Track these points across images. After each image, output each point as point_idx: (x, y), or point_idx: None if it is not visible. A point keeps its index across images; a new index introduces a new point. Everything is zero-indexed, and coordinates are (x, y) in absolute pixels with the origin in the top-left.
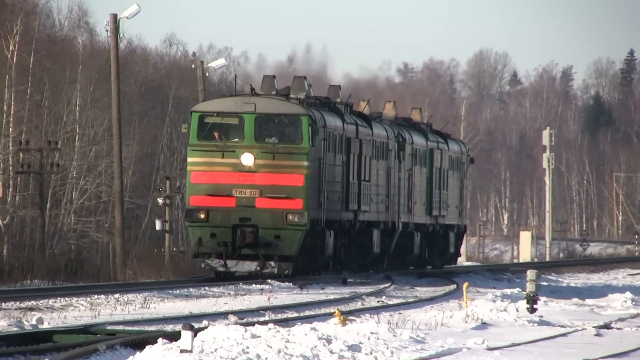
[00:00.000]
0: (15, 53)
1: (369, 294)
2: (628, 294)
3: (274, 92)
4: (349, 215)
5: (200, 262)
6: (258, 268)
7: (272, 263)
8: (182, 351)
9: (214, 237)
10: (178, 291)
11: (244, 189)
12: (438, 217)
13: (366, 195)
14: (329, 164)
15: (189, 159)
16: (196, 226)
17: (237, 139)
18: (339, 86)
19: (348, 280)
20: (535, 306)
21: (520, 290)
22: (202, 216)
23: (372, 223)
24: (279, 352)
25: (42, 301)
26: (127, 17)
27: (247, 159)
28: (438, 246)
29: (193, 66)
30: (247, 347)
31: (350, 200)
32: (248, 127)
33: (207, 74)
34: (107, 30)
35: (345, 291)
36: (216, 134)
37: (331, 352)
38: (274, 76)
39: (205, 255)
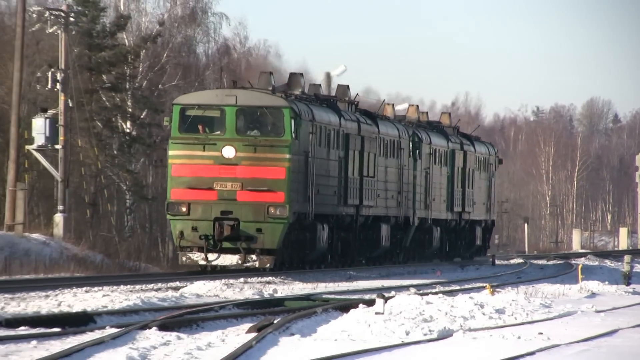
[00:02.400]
0: None
1: (510, 274)
2: None
3: (270, 88)
4: (348, 209)
5: (182, 256)
6: (239, 262)
7: (254, 257)
8: (376, 313)
9: (195, 231)
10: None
11: (225, 182)
12: (462, 213)
13: (370, 191)
14: (319, 158)
15: (170, 152)
16: (177, 219)
17: (219, 132)
18: (348, 86)
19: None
20: (629, 281)
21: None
22: (184, 209)
23: (381, 218)
24: (446, 314)
25: (277, 279)
26: (336, 75)
27: (229, 151)
28: (463, 240)
29: None
30: (423, 310)
31: (349, 195)
32: (229, 120)
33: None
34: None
35: (491, 272)
36: (200, 127)
37: (483, 314)
38: (271, 72)
39: (186, 249)
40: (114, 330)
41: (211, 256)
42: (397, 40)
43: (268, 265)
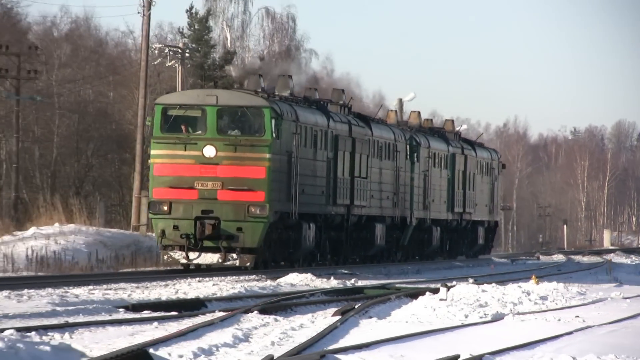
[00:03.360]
0: None
1: (552, 267)
2: None
3: (259, 90)
4: (338, 209)
5: (163, 254)
6: (220, 260)
7: (234, 255)
8: (440, 299)
9: (176, 230)
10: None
11: (206, 181)
12: (463, 213)
13: (362, 191)
14: (305, 158)
15: (152, 152)
16: (159, 218)
17: (200, 132)
18: (343, 90)
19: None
20: None
21: None
22: (165, 208)
23: (376, 218)
24: (498, 300)
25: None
26: (407, 101)
27: (209, 151)
28: (465, 239)
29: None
30: (479, 297)
31: (339, 195)
32: (210, 120)
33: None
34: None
35: (536, 265)
36: (183, 127)
37: (529, 300)
38: (260, 75)
39: (168, 248)
40: (222, 313)
41: (192, 255)
42: (459, 69)
43: (248, 264)
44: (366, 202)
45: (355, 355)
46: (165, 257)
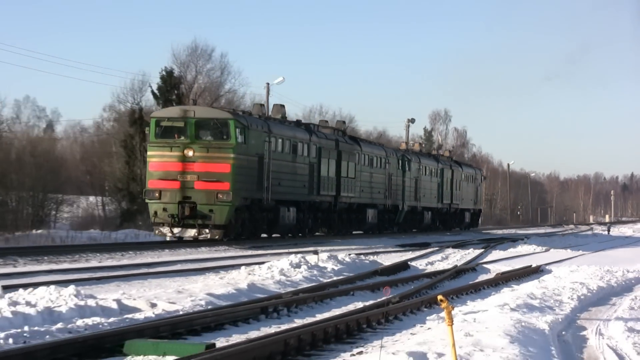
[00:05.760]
0: None
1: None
2: None
3: (279, 116)
4: (323, 198)
5: (155, 229)
6: (196, 234)
7: (207, 230)
8: (524, 243)
9: (165, 211)
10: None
11: (186, 174)
12: (451, 204)
13: (348, 186)
14: (280, 160)
15: (149, 153)
16: (153, 202)
17: (183, 138)
18: (344, 121)
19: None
20: None
21: None
22: (157, 195)
23: (367, 205)
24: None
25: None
26: (276, 84)
27: (189, 152)
28: (455, 219)
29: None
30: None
31: (322, 188)
32: (190, 129)
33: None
34: None
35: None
36: (176, 135)
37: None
38: (262, 104)
39: (159, 225)
40: (436, 248)
41: (176, 230)
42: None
43: (217, 236)
44: (354, 194)
45: (490, 265)
46: (157, 232)
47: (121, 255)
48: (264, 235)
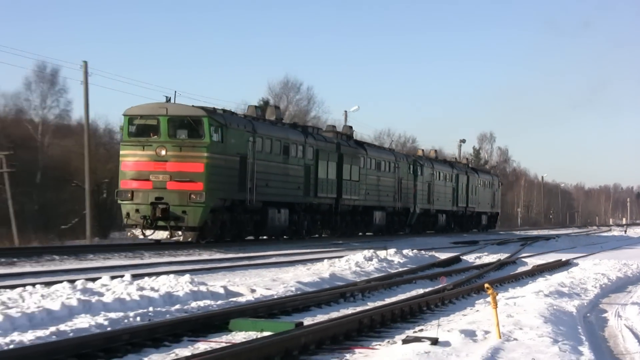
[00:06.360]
0: None
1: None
2: None
3: (273, 117)
4: (322, 200)
5: (128, 232)
6: (168, 236)
7: (180, 232)
8: (556, 240)
9: (137, 212)
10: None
11: (158, 174)
12: (467, 207)
13: (352, 189)
14: (268, 161)
15: (121, 152)
16: (125, 203)
17: (156, 136)
18: (351, 126)
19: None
20: None
21: None
22: (129, 196)
23: (375, 207)
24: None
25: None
26: (352, 111)
27: (161, 151)
28: (472, 221)
29: None
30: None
31: (320, 190)
32: (163, 127)
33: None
34: None
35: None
36: (151, 134)
37: None
38: (277, 106)
39: (132, 226)
40: (482, 245)
41: (148, 232)
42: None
43: (190, 239)
44: (358, 197)
45: (527, 259)
46: (129, 234)
47: (225, 250)
48: (250, 237)
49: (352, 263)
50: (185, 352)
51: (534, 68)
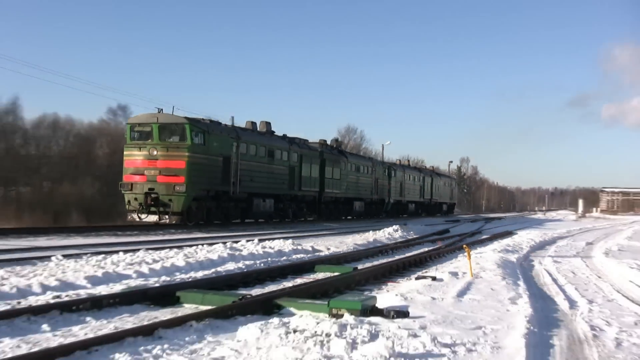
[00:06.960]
0: None
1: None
2: None
3: (265, 130)
4: (305, 192)
5: (128, 215)
6: (158, 219)
7: (167, 216)
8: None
9: (135, 200)
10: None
11: (151, 170)
12: (431, 199)
13: (333, 184)
14: (253, 161)
15: (125, 152)
16: (127, 193)
17: (149, 140)
18: (337, 139)
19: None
20: None
21: None
22: (129, 187)
23: (355, 198)
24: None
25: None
26: (387, 144)
27: (153, 151)
28: (435, 209)
29: None
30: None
31: (303, 185)
32: (154, 132)
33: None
34: None
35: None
36: (150, 139)
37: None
38: (269, 122)
39: (132, 211)
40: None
41: (143, 216)
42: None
43: (174, 221)
44: (339, 190)
45: (488, 230)
46: (130, 217)
47: (312, 225)
48: (237, 220)
49: (386, 233)
50: (290, 284)
51: (491, 116)
